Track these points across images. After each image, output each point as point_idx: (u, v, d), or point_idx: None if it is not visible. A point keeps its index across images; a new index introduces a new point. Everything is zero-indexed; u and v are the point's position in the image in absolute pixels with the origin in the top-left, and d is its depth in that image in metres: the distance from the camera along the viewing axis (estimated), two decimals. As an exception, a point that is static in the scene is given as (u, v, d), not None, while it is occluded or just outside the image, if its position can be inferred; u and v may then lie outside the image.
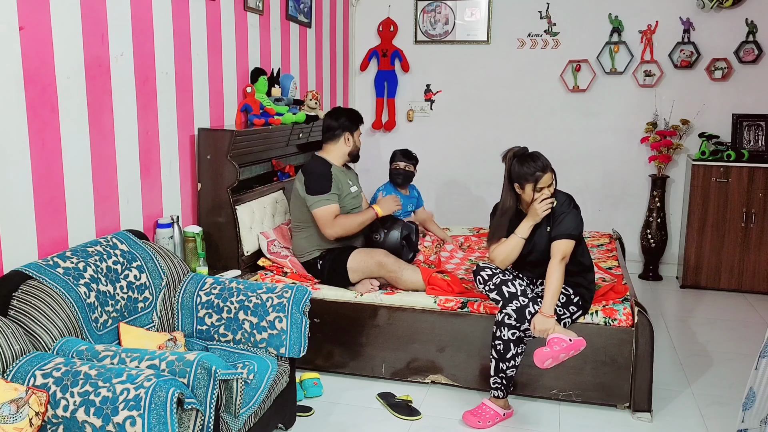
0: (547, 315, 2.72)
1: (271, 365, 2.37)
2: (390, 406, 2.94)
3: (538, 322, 2.73)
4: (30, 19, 2.19)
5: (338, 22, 5.16)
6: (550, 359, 2.68)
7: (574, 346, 2.69)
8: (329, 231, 3.25)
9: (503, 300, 2.82)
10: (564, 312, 2.84)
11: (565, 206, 2.83)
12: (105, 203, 2.62)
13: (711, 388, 3.19)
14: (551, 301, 2.73)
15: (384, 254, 3.25)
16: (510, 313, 2.79)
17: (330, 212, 3.24)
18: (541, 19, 5.05)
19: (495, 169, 5.20)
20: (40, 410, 1.71)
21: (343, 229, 3.26)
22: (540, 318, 2.73)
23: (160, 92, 2.94)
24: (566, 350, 2.68)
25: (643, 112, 4.97)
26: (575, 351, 2.71)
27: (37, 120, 2.25)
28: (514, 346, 2.79)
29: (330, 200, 3.25)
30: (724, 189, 4.60)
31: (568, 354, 2.70)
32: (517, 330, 2.79)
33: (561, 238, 2.77)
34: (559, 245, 2.77)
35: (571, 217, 2.80)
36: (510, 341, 2.79)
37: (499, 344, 2.80)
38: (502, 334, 2.79)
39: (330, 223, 3.24)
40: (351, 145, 3.43)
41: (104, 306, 2.25)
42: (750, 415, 2.17)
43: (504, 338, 2.79)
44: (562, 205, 2.84)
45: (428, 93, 5.39)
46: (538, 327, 2.72)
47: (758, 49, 4.68)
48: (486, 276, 2.89)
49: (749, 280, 4.63)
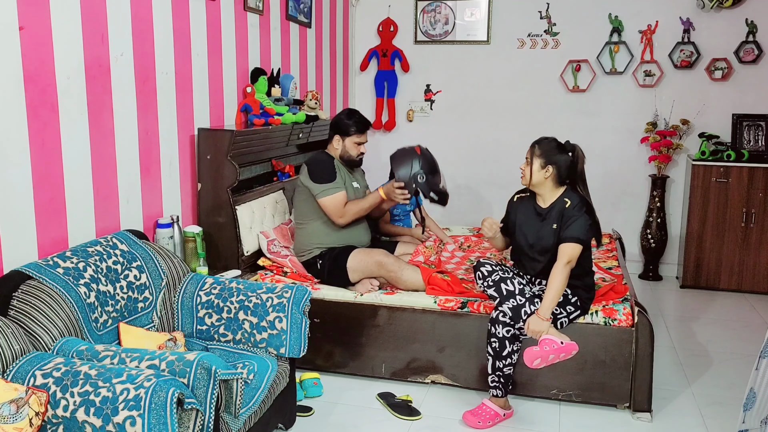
0: (544, 318, 2.72)
1: (271, 365, 2.37)
2: (390, 406, 2.94)
3: (533, 323, 2.72)
4: (30, 19, 2.19)
5: (338, 22, 5.16)
6: (539, 359, 2.68)
7: (565, 349, 2.69)
8: (340, 219, 3.28)
9: (500, 297, 2.82)
10: (560, 311, 2.84)
11: (576, 209, 2.81)
12: (105, 203, 2.62)
13: (711, 388, 3.19)
14: (550, 305, 2.73)
15: (384, 254, 3.25)
16: (505, 310, 2.79)
17: (338, 200, 3.26)
18: (541, 19, 5.05)
19: (495, 169, 5.26)
20: (40, 410, 1.71)
21: (352, 215, 3.28)
22: (535, 319, 2.73)
23: (160, 92, 2.94)
24: (556, 352, 2.68)
25: (643, 112, 4.97)
26: (566, 354, 2.71)
27: (37, 120, 2.25)
28: (510, 344, 2.79)
29: (337, 188, 3.27)
30: (724, 189, 4.60)
31: (558, 356, 2.70)
32: (512, 328, 2.79)
33: (569, 242, 2.76)
34: (566, 248, 2.75)
35: (581, 222, 2.78)
36: (505, 339, 2.79)
37: (494, 342, 2.80)
38: (497, 332, 2.80)
39: (340, 211, 3.26)
40: (341, 148, 3.43)
41: (104, 306, 2.25)
42: (750, 416, 2.17)
43: (499, 336, 2.79)
44: (574, 207, 2.81)
45: (428, 93, 5.39)
46: (532, 327, 2.72)
47: (758, 49, 4.68)
48: (485, 272, 2.89)
49: (749, 280, 4.63)
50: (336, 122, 3.45)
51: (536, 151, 2.85)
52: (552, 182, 2.86)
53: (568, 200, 2.83)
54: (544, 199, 2.90)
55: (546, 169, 2.83)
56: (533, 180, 2.86)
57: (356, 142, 3.43)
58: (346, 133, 3.41)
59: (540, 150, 2.84)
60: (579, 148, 2.88)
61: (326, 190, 3.26)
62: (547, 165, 2.83)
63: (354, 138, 3.42)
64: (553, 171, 2.83)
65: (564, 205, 2.83)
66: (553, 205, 2.87)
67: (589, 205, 2.85)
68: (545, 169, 2.83)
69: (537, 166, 2.83)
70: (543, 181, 2.85)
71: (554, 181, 2.85)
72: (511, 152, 4.95)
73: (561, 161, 2.83)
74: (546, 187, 2.87)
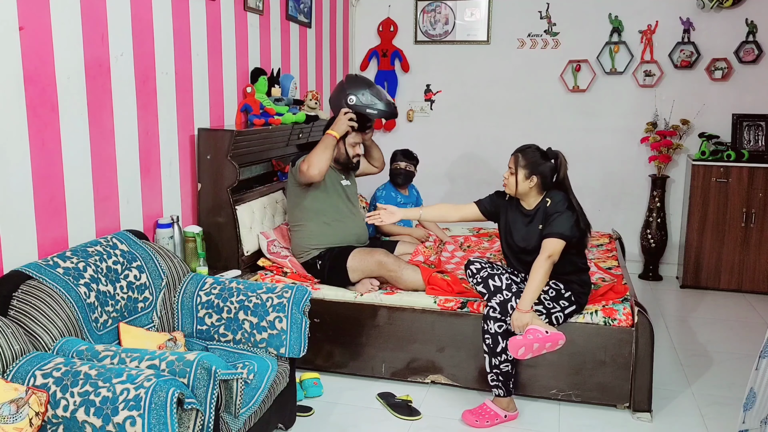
0: (523, 310, 2.72)
1: (271, 365, 2.37)
2: (390, 406, 2.94)
3: (515, 318, 2.74)
4: (30, 19, 2.19)
5: (338, 22, 5.16)
6: (523, 347, 2.67)
7: (551, 338, 2.69)
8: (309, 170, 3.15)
9: (488, 293, 2.85)
10: (554, 306, 2.84)
11: (559, 206, 2.82)
12: (105, 203, 2.62)
13: (711, 388, 3.19)
14: (529, 297, 2.73)
15: (384, 254, 3.25)
16: (494, 306, 2.80)
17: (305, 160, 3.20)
18: (541, 19, 5.05)
19: (495, 169, 5.25)
20: (40, 410, 1.71)
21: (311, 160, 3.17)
22: (516, 314, 2.74)
23: (160, 92, 2.94)
24: (541, 341, 2.68)
25: (643, 112, 4.97)
26: (552, 344, 2.71)
27: (37, 120, 2.25)
28: (503, 339, 2.80)
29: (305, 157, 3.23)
30: (724, 189, 4.60)
31: (543, 345, 2.70)
32: (503, 323, 2.80)
33: (551, 237, 2.76)
34: (549, 243, 2.76)
35: (564, 218, 2.79)
36: (498, 334, 2.79)
37: (488, 338, 2.81)
38: (489, 328, 2.81)
39: (305, 165, 3.17)
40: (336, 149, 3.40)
41: (104, 306, 2.25)
42: (750, 416, 2.17)
43: (491, 332, 2.80)
44: (557, 204, 2.83)
45: (428, 93, 5.39)
46: (515, 323, 2.74)
47: (758, 49, 4.68)
48: (474, 269, 2.93)
49: (749, 280, 4.63)
50: (331, 121, 3.42)
51: (521, 161, 2.86)
52: (536, 190, 2.88)
53: (549, 199, 2.86)
54: (528, 203, 2.92)
55: (531, 179, 2.85)
56: (519, 190, 2.88)
57: (352, 143, 3.42)
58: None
59: (525, 160, 2.85)
60: (561, 154, 2.89)
61: (298, 161, 3.25)
62: (531, 175, 2.84)
63: (350, 138, 3.41)
64: (538, 180, 2.85)
65: (546, 204, 2.86)
66: (538, 206, 2.89)
67: (571, 203, 2.85)
68: (530, 179, 2.85)
69: (521, 177, 2.85)
70: (528, 190, 2.88)
71: (538, 188, 2.88)
72: (511, 152, 4.93)
73: (546, 170, 2.85)
74: (530, 194, 2.90)
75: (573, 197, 2.88)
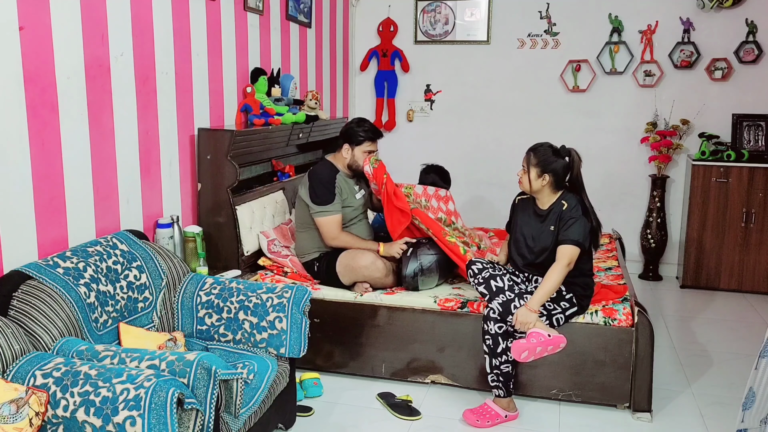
0: (533, 309, 2.73)
1: (271, 365, 2.37)
2: (390, 406, 2.94)
3: (521, 314, 2.74)
4: (30, 19, 2.19)
5: (338, 22, 5.16)
6: (527, 351, 2.69)
7: (553, 341, 2.70)
8: (332, 242, 3.29)
9: (490, 294, 2.85)
10: (555, 307, 2.84)
11: (574, 211, 2.82)
12: (105, 203, 2.62)
13: (711, 388, 3.19)
14: (540, 298, 2.74)
15: (361, 257, 3.21)
16: (495, 307, 2.80)
17: (333, 223, 3.26)
18: (541, 19, 5.05)
19: (495, 169, 5.25)
20: (40, 410, 1.71)
21: (343, 244, 3.28)
22: (524, 311, 2.74)
23: (160, 92, 2.94)
24: (544, 344, 2.69)
25: (643, 112, 4.97)
26: (554, 347, 2.72)
27: (37, 120, 2.25)
28: (503, 340, 2.80)
29: (333, 211, 3.26)
30: (724, 189, 4.60)
31: (546, 349, 2.71)
32: (503, 324, 2.80)
33: (568, 244, 2.77)
34: (566, 250, 2.77)
35: (580, 224, 2.79)
36: (498, 335, 2.80)
37: (488, 339, 2.82)
38: (489, 329, 2.81)
39: (332, 235, 3.27)
40: (349, 157, 3.37)
41: (104, 306, 2.25)
42: (750, 415, 2.17)
43: (492, 332, 2.80)
44: (572, 209, 2.83)
45: (428, 93, 5.39)
46: (520, 319, 2.73)
47: (758, 49, 4.68)
48: (476, 270, 2.92)
49: (749, 280, 4.63)
50: (346, 131, 3.40)
51: (532, 159, 2.86)
52: (550, 188, 2.88)
53: (566, 203, 2.86)
54: (543, 203, 2.92)
55: (543, 177, 2.85)
56: (533, 188, 2.87)
57: (366, 151, 3.37)
58: (357, 142, 3.35)
59: (536, 159, 2.85)
60: (575, 152, 2.89)
61: (323, 211, 3.24)
62: (544, 173, 2.84)
63: (364, 147, 3.36)
64: (550, 179, 2.85)
65: (561, 208, 2.85)
66: (552, 207, 2.89)
67: (586, 208, 2.86)
68: (542, 177, 2.85)
69: (534, 175, 2.85)
70: (541, 188, 2.87)
71: (552, 187, 2.87)
72: (511, 152, 4.92)
73: (558, 168, 2.85)
74: (544, 193, 2.90)
75: (586, 198, 2.89)
